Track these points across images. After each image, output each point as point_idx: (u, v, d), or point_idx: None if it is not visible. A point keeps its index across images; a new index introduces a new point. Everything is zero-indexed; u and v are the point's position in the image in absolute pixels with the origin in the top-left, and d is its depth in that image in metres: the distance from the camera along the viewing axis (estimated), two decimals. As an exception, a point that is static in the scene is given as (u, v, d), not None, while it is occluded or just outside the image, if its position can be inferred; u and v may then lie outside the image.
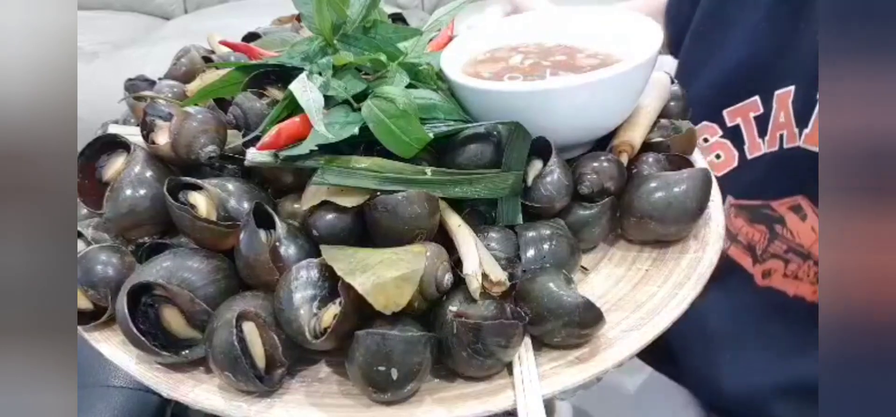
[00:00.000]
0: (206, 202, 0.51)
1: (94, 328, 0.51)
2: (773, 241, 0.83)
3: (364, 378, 0.45)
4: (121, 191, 0.52)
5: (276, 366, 0.47)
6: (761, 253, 0.85)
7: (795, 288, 0.82)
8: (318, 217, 0.49)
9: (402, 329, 0.45)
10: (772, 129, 0.83)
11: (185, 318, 0.48)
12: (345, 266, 0.45)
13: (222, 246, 0.50)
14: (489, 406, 0.45)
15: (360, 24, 0.58)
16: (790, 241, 0.82)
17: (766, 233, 0.84)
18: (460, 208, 0.53)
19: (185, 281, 0.48)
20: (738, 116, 0.87)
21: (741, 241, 0.86)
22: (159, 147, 0.54)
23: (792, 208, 0.82)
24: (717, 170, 0.87)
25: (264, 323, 0.47)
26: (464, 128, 0.54)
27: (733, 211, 0.87)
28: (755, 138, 0.85)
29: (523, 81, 0.59)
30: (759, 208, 0.85)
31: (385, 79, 0.56)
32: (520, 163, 0.54)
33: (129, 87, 0.66)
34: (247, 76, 0.57)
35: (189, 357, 0.48)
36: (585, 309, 0.47)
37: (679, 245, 0.57)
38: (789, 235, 0.82)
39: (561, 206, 0.55)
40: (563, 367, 0.47)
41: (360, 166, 0.50)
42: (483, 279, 0.46)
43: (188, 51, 0.70)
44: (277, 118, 0.53)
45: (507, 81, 0.59)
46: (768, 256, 0.84)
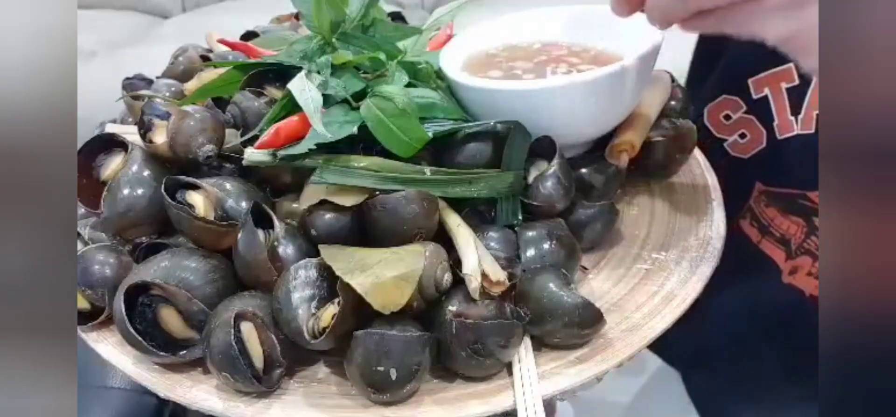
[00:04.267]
0: (204, 201, 0.51)
1: (91, 328, 0.51)
2: (811, 236, 0.72)
3: (363, 378, 0.44)
4: (118, 191, 0.52)
5: (275, 367, 0.47)
6: (795, 249, 0.74)
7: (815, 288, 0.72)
8: (317, 216, 0.49)
9: (401, 329, 0.45)
10: (807, 107, 0.70)
11: (183, 318, 0.48)
12: (343, 265, 0.45)
13: (220, 245, 0.50)
14: (489, 407, 0.45)
15: (359, 23, 0.58)
16: None
17: (805, 227, 0.73)
18: (459, 208, 0.52)
19: (182, 280, 0.48)
20: (766, 86, 0.73)
21: (774, 233, 0.75)
22: (157, 146, 0.53)
23: None
24: (742, 151, 0.76)
25: (262, 323, 0.46)
26: (463, 128, 0.54)
27: (764, 199, 0.75)
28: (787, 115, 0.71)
29: (523, 80, 0.59)
30: (794, 198, 0.73)
31: (384, 78, 0.56)
32: (519, 162, 0.54)
33: (126, 86, 0.66)
34: (245, 75, 0.57)
35: (187, 358, 0.48)
36: (585, 309, 0.47)
37: (680, 245, 0.56)
38: None
39: (562, 207, 0.55)
40: (563, 367, 0.47)
41: (358, 165, 0.50)
42: (482, 279, 0.46)
43: (186, 49, 0.69)
44: (276, 117, 0.53)
45: (506, 80, 0.59)
46: (802, 252, 0.73)
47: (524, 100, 0.54)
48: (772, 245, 0.76)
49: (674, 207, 0.61)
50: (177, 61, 0.69)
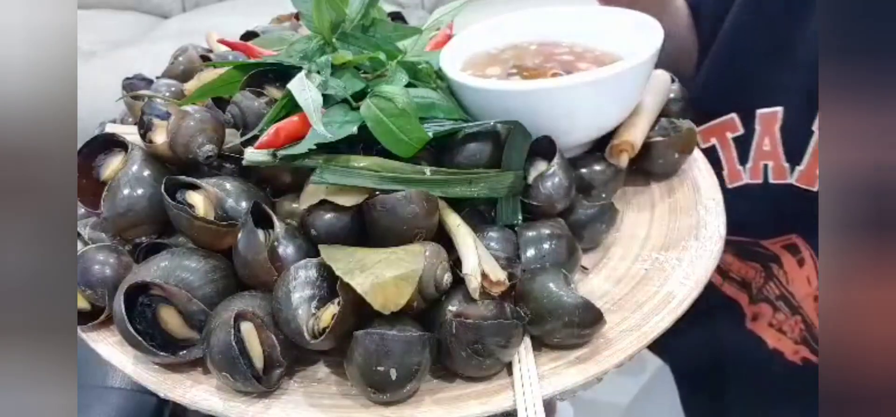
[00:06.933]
0: (204, 201, 0.51)
1: (91, 328, 0.51)
2: (769, 282, 0.73)
3: (363, 378, 0.44)
4: (118, 191, 0.52)
5: (275, 367, 0.47)
6: (756, 293, 0.74)
7: (776, 341, 0.72)
8: (317, 216, 0.49)
9: (401, 329, 0.45)
10: (754, 156, 0.71)
11: (183, 318, 0.48)
12: (343, 265, 0.45)
13: (220, 245, 0.50)
14: (489, 407, 0.45)
15: (359, 23, 0.58)
16: (783, 287, 0.71)
17: (762, 272, 0.74)
18: (459, 208, 0.52)
19: (182, 280, 0.48)
20: (713, 136, 0.73)
21: (734, 278, 0.76)
22: (157, 146, 0.53)
23: (786, 247, 0.71)
24: None
25: (262, 324, 0.46)
26: (463, 128, 0.54)
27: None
28: (735, 164, 0.72)
29: (523, 80, 0.59)
30: (748, 245, 0.74)
31: (384, 78, 0.56)
32: (519, 162, 0.54)
33: (126, 86, 0.66)
34: (245, 75, 0.57)
35: (187, 358, 0.48)
36: (585, 309, 0.46)
37: (680, 245, 0.56)
38: (784, 279, 0.72)
39: (562, 207, 0.55)
40: (563, 367, 0.47)
41: (358, 165, 0.50)
42: (482, 279, 0.46)
43: (186, 49, 0.69)
44: (276, 117, 0.53)
45: (506, 80, 0.59)
46: (761, 297, 0.74)
47: (524, 100, 0.54)
48: (733, 288, 0.76)
49: (674, 207, 0.61)
50: (177, 61, 0.69)
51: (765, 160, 0.70)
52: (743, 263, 0.75)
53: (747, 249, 0.74)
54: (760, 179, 0.71)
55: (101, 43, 2.37)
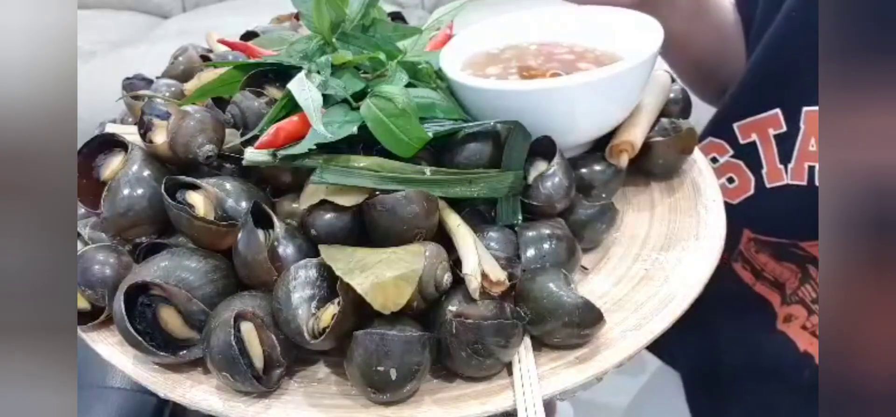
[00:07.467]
0: (204, 201, 0.51)
1: (91, 328, 0.51)
2: (805, 284, 0.70)
3: (363, 378, 0.44)
4: (118, 191, 0.52)
5: (275, 367, 0.47)
6: (790, 294, 0.71)
7: (808, 344, 0.69)
8: (317, 216, 0.49)
9: (401, 329, 0.45)
10: (798, 156, 0.67)
11: (183, 318, 0.48)
12: (343, 265, 0.45)
13: (220, 245, 0.50)
14: (489, 407, 0.45)
15: (359, 23, 0.58)
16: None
17: (798, 273, 0.71)
18: (459, 208, 0.52)
19: (182, 280, 0.48)
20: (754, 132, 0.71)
21: (768, 277, 0.73)
22: (157, 146, 0.53)
23: None
24: (730, 197, 0.73)
25: (262, 323, 0.46)
26: (463, 128, 0.54)
27: (754, 245, 0.73)
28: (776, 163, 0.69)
29: (523, 80, 0.59)
30: (785, 246, 0.71)
31: (384, 78, 0.56)
32: (519, 162, 0.54)
33: (126, 86, 0.66)
34: (245, 75, 0.57)
35: (187, 358, 0.48)
36: (585, 309, 0.46)
37: (680, 245, 0.56)
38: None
39: (562, 207, 0.55)
40: (563, 367, 0.47)
41: (358, 165, 0.50)
42: (482, 279, 0.46)
43: (186, 49, 0.69)
44: (276, 117, 0.53)
45: (507, 81, 0.59)
46: (796, 299, 0.71)
47: (524, 100, 0.54)
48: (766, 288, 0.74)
49: (674, 207, 0.61)
50: (177, 61, 0.69)
51: (809, 161, 0.66)
52: (778, 264, 0.73)
53: (785, 250, 0.72)
54: (805, 180, 0.67)
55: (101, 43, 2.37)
